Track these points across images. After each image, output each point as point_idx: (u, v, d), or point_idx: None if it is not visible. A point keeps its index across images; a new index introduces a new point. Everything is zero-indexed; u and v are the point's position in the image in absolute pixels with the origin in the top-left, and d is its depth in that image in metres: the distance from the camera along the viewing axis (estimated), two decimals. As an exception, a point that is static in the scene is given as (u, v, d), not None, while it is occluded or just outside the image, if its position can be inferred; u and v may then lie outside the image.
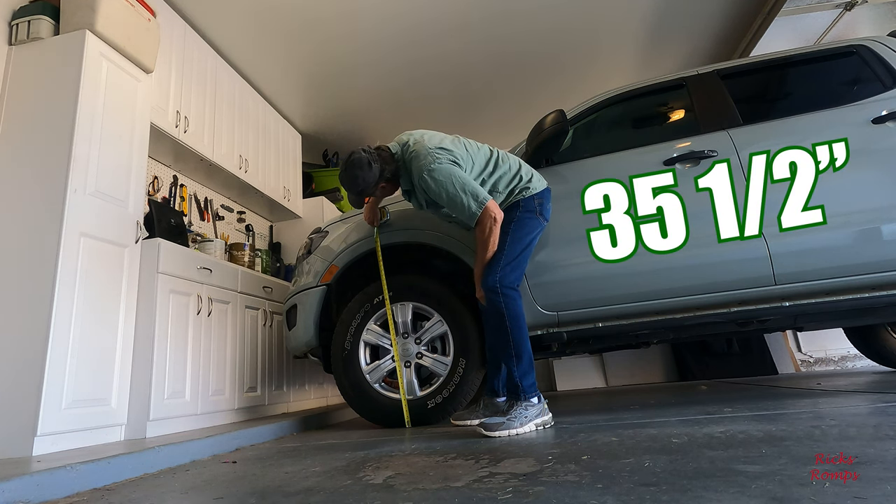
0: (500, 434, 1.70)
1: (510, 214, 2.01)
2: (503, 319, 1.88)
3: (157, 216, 2.75)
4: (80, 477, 1.39)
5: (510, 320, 1.88)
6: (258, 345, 3.11)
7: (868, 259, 1.99)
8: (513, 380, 1.85)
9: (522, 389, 1.83)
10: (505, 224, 1.97)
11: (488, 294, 1.90)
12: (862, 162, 2.05)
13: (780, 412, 1.66)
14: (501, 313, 1.88)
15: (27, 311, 1.93)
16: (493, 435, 1.71)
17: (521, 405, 1.81)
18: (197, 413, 2.51)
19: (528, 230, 2.01)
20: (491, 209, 1.88)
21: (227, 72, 3.71)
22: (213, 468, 1.59)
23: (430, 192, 1.93)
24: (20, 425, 1.81)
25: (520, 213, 2.01)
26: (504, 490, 0.96)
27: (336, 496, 1.06)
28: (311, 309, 2.45)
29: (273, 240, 4.57)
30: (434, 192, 1.91)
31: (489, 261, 1.93)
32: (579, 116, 2.45)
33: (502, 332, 1.88)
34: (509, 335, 1.88)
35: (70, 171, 2.07)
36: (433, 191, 1.91)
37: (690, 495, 0.82)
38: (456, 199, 1.88)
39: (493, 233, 1.90)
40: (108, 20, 2.36)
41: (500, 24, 3.68)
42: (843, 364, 4.08)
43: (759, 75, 2.46)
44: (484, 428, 1.74)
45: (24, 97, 2.23)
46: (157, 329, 2.34)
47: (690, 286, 2.11)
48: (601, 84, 4.48)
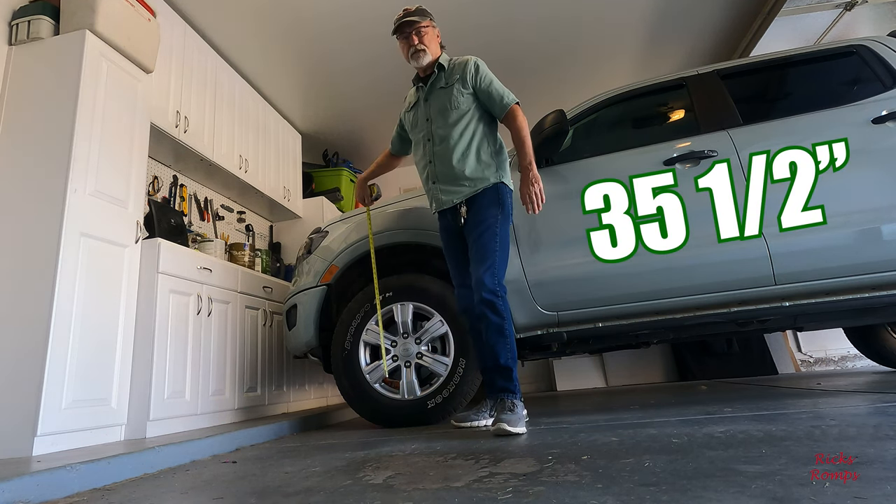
0: (522, 430, 1.73)
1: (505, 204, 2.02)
2: (505, 323, 1.89)
3: (157, 216, 2.75)
4: (80, 477, 1.39)
5: (509, 323, 1.90)
6: (258, 345, 3.11)
7: (868, 259, 1.99)
8: (514, 380, 1.87)
9: (518, 388, 1.88)
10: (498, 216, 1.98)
11: (491, 298, 1.88)
12: (862, 162, 2.05)
13: (780, 412, 1.66)
14: (503, 317, 1.89)
15: (27, 310, 1.93)
16: (519, 431, 1.72)
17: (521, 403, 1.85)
18: (197, 413, 2.51)
19: (509, 228, 2.05)
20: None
21: (227, 72, 3.71)
22: (213, 468, 1.59)
23: (477, 75, 2.06)
24: (20, 425, 1.80)
25: (508, 210, 2.04)
26: (504, 490, 0.96)
27: (336, 496, 1.06)
28: (311, 309, 2.45)
29: (273, 240, 4.57)
30: (481, 75, 2.07)
31: (486, 263, 1.91)
32: (579, 116, 2.46)
33: (504, 335, 1.88)
34: (510, 338, 1.90)
35: (70, 171, 2.07)
36: (481, 73, 2.07)
37: (690, 495, 0.82)
38: (497, 86, 2.07)
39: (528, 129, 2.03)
40: (108, 20, 2.36)
41: (499, 25, 3.68)
42: (843, 364, 4.08)
43: (759, 75, 2.46)
44: (509, 424, 1.72)
45: (24, 97, 2.23)
46: (157, 329, 2.34)
47: (690, 286, 2.11)
48: (601, 84, 4.47)
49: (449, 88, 2.09)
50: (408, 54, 2.14)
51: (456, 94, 2.07)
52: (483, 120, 2.10)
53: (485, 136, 2.08)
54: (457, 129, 2.04)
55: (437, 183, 2.09)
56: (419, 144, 2.18)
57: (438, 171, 2.08)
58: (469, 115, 2.06)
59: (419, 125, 2.18)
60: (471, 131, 2.06)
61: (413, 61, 2.13)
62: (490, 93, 2.06)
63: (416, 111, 2.21)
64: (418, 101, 2.20)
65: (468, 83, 2.07)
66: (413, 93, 2.26)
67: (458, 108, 2.06)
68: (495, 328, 1.88)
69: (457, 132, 2.04)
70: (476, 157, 2.04)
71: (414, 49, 2.10)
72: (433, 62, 2.14)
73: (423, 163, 2.15)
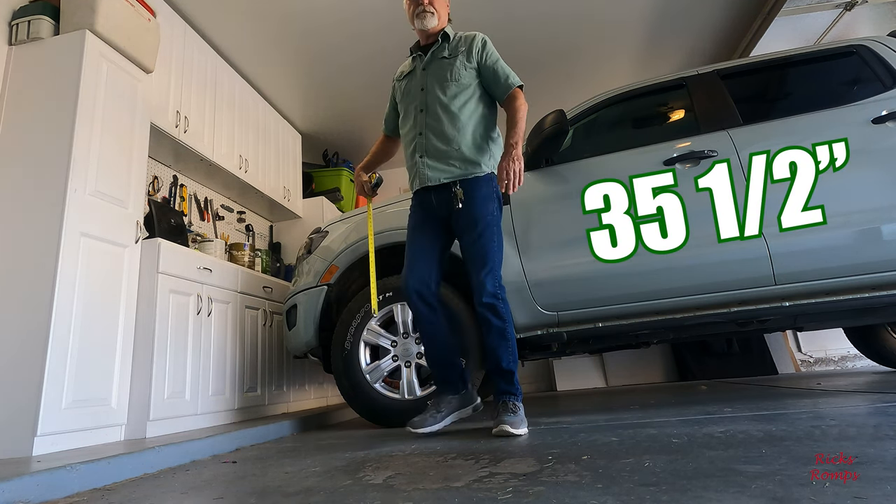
0: (524, 432, 1.70)
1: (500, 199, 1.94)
2: (507, 326, 1.84)
3: (157, 216, 2.75)
4: (80, 477, 1.39)
5: (510, 325, 1.85)
6: (258, 345, 3.11)
7: (868, 259, 1.99)
8: (515, 383, 1.85)
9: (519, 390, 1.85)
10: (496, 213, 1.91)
11: (493, 302, 1.82)
12: (862, 162, 2.05)
13: (780, 412, 1.66)
14: (505, 320, 1.83)
15: (27, 310, 1.93)
16: (521, 433, 1.68)
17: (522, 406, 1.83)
18: (197, 413, 2.51)
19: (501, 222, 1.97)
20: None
21: (227, 72, 3.71)
22: (213, 468, 1.59)
23: (483, 51, 1.96)
24: (20, 425, 1.80)
25: (501, 205, 1.96)
26: (504, 490, 0.96)
27: (336, 496, 1.06)
28: (311, 309, 2.45)
29: (273, 240, 4.56)
30: (488, 51, 1.96)
31: (488, 266, 1.84)
32: (579, 116, 2.46)
33: (506, 338, 1.83)
34: (512, 341, 1.85)
35: (70, 171, 2.07)
36: (488, 50, 1.96)
37: (690, 495, 0.82)
38: (503, 65, 1.96)
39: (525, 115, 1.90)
40: (108, 20, 2.36)
41: (499, 25, 3.67)
42: (843, 364, 4.08)
43: (759, 75, 2.46)
44: (511, 426, 1.67)
45: (24, 97, 2.23)
46: (157, 329, 2.34)
47: (690, 286, 2.11)
48: (601, 84, 4.47)
49: (452, 60, 1.95)
50: (412, 14, 1.98)
51: (459, 66, 1.93)
52: (483, 101, 1.97)
53: (483, 117, 1.96)
54: (455, 102, 1.91)
55: (425, 157, 1.92)
56: (409, 115, 2.01)
57: (428, 145, 1.92)
58: (470, 91, 1.94)
59: (412, 94, 2.01)
60: (470, 109, 1.93)
61: (417, 22, 1.97)
62: (496, 70, 1.94)
63: (410, 80, 2.05)
64: (414, 69, 2.04)
65: (473, 58, 1.95)
66: (409, 62, 2.10)
67: (458, 81, 1.92)
68: (497, 332, 1.82)
69: (455, 106, 1.91)
70: (473, 138, 1.91)
71: (422, 8, 1.94)
72: (438, 30, 2.00)
73: (412, 134, 1.98)
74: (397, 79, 2.14)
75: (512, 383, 1.84)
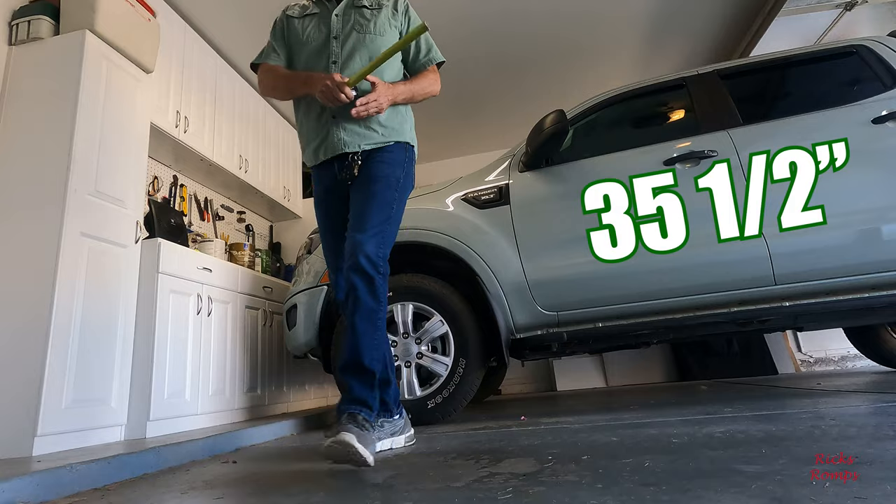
0: (370, 458, 1.27)
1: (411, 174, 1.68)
2: (380, 309, 1.44)
3: (157, 216, 2.75)
4: (80, 477, 1.39)
5: (383, 312, 1.46)
6: (258, 345, 3.11)
7: (868, 259, 2.00)
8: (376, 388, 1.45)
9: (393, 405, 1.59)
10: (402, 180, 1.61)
11: (368, 268, 1.41)
12: (862, 162, 2.05)
13: (780, 412, 1.66)
14: (379, 300, 1.43)
15: (27, 310, 1.93)
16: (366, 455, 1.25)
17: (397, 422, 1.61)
18: (197, 413, 2.51)
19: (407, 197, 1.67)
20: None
21: (227, 72, 3.71)
22: (213, 468, 1.59)
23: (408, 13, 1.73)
24: (20, 425, 1.80)
25: (412, 180, 1.68)
26: (504, 490, 0.96)
27: (336, 496, 1.05)
28: (311, 309, 2.45)
29: (273, 240, 4.56)
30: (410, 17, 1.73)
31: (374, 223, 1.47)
32: (579, 116, 2.46)
33: (375, 325, 1.43)
34: (382, 332, 1.46)
35: (70, 171, 2.07)
36: (410, 14, 1.73)
37: (690, 495, 0.82)
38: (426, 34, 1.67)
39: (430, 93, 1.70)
40: (108, 20, 2.35)
41: (498, 23, 3.67)
42: (843, 364, 4.08)
43: (760, 75, 2.46)
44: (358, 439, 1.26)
45: (24, 97, 2.23)
46: (157, 329, 2.34)
47: (690, 286, 2.11)
48: (601, 84, 4.46)
49: (376, 10, 1.67)
50: None
51: (383, 19, 1.66)
52: (402, 65, 1.75)
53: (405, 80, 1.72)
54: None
55: (339, 118, 1.60)
56: (316, 66, 1.65)
57: (347, 105, 1.56)
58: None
59: (315, 40, 1.67)
60: (394, 70, 1.69)
61: None
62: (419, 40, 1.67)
63: (314, 22, 1.69)
64: (320, 12, 1.71)
65: (399, 17, 1.70)
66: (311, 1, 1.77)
67: (382, 35, 1.64)
68: (365, 311, 1.41)
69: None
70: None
71: None
72: None
73: None
74: (289, 14, 1.77)
75: (372, 389, 1.42)
